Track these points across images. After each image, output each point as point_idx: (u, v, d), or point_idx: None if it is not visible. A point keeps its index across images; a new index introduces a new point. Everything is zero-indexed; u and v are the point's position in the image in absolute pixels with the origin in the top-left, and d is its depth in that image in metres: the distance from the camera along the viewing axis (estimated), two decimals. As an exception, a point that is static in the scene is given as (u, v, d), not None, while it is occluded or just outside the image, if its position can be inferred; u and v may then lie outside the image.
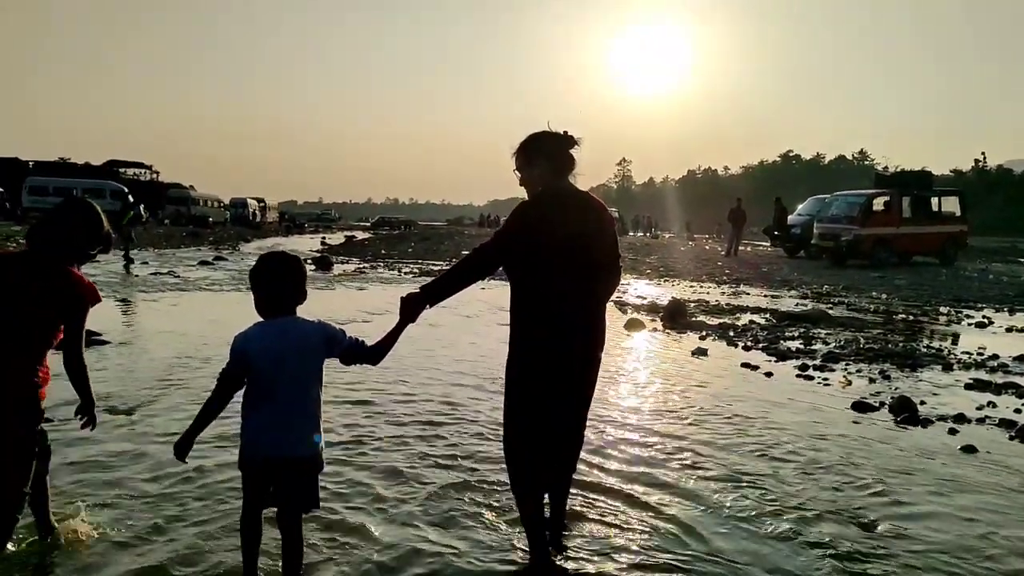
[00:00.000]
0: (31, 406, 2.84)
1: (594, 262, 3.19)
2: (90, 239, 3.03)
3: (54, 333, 2.88)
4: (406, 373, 6.97)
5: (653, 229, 57.95)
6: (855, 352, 8.69)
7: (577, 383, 3.23)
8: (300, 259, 2.94)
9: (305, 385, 2.76)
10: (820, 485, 4.38)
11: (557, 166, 3.25)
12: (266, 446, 2.69)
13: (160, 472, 4.18)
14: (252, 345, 2.70)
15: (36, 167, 53.07)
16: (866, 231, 22.20)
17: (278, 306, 2.78)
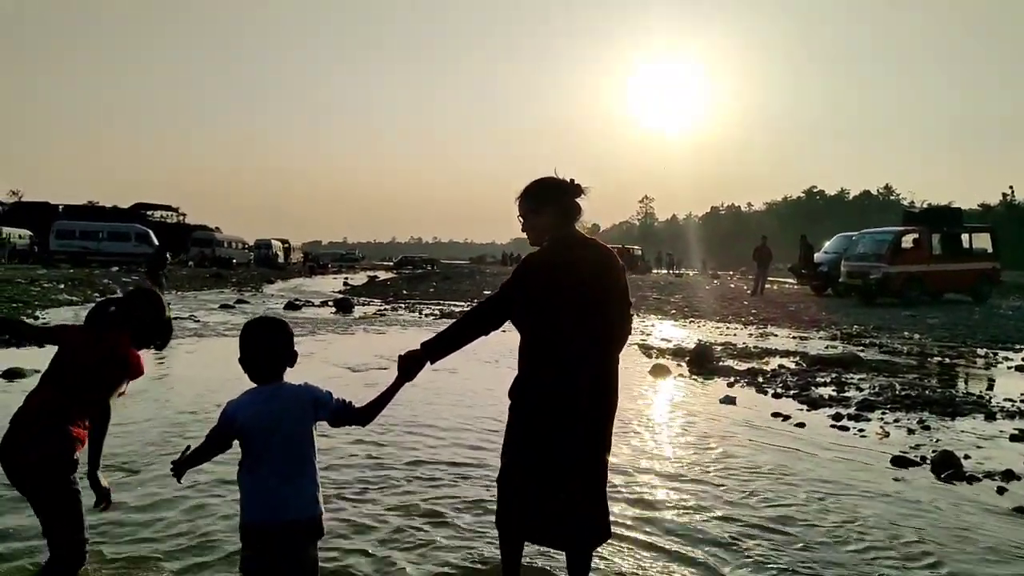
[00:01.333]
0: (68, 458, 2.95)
1: (603, 311, 3.10)
2: (150, 330, 3.19)
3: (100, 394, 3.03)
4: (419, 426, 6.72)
5: (675, 268, 57.53)
6: (891, 399, 8.32)
7: (584, 434, 3.07)
8: (286, 324, 2.88)
9: (298, 448, 2.72)
10: (861, 549, 4.06)
11: (564, 214, 3.19)
12: (268, 513, 2.64)
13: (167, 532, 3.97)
14: (242, 413, 2.69)
15: (65, 210, 54.00)
16: (896, 268, 21.78)
17: (266, 371, 2.76)
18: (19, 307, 17.50)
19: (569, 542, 3.15)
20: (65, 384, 2.98)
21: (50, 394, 2.98)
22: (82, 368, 3.00)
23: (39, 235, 45.05)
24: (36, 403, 2.97)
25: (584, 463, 3.09)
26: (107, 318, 3.15)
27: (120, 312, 3.17)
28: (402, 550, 3.99)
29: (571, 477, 3.06)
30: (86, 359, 3.01)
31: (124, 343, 3.10)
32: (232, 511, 4.25)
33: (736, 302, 23.54)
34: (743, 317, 18.86)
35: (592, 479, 3.13)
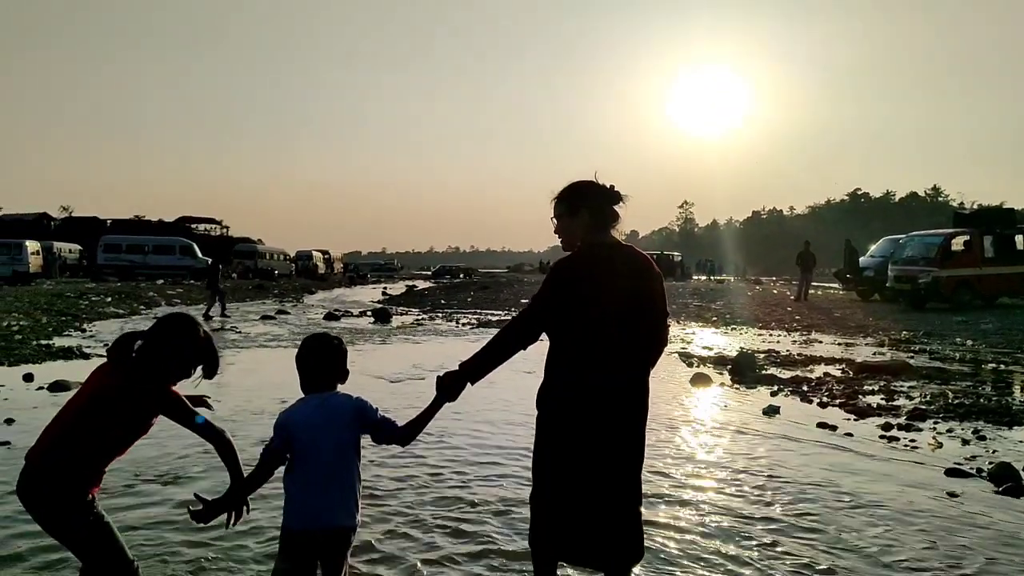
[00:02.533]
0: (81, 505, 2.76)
1: (636, 320, 3.02)
2: (188, 359, 2.90)
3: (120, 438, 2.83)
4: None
5: (715, 274, 56.77)
6: (944, 408, 8.02)
7: (612, 446, 2.97)
8: (340, 340, 3.00)
9: (344, 458, 2.80)
10: (915, 566, 3.87)
11: (601, 219, 3.11)
12: (314, 520, 2.72)
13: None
14: (295, 421, 2.78)
15: (113, 225, 55.29)
16: (946, 272, 21.16)
17: (319, 384, 2.87)
18: (69, 320, 17.88)
19: (606, 561, 3.04)
20: (86, 426, 2.75)
21: (64, 432, 2.76)
22: (104, 410, 2.76)
23: (88, 249, 46.17)
24: (45, 441, 2.77)
25: (615, 477, 2.99)
26: (134, 356, 2.85)
27: (149, 348, 2.85)
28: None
29: (604, 492, 2.96)
30: (108, 399, 2.77)
31: (155, 390, 2.83)
32: (269, 524, 4.22)
33: (779, 308, 23.12)
34: (786, 323, 18.48)
35: (626, 494, 3.03)
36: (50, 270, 38.82)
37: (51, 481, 2.70)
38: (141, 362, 2.82)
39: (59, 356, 11.88)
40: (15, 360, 11.10)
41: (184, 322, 2.92)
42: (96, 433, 2.75)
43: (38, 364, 10.92)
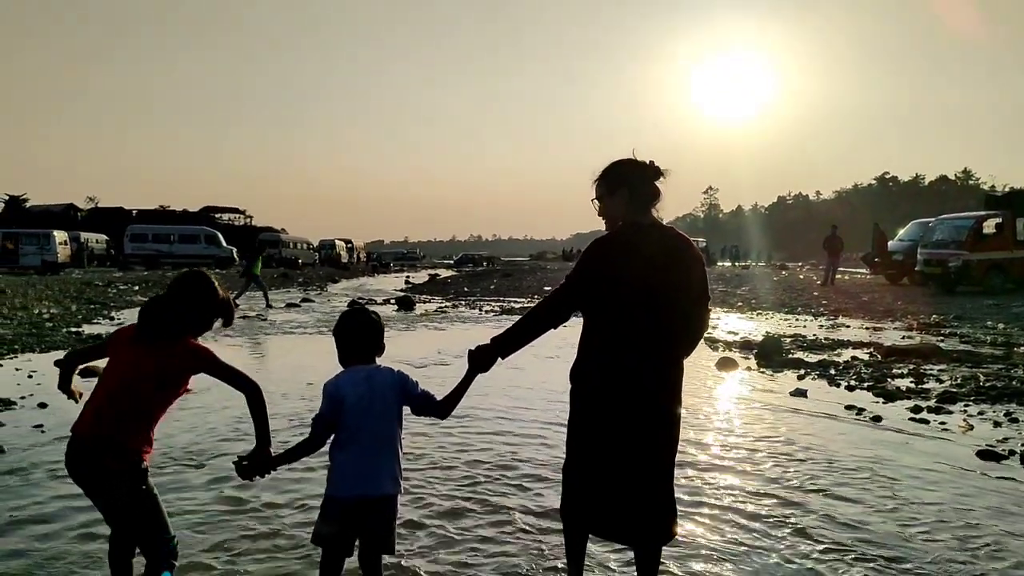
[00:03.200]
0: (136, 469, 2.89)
1: (672, 301, 2.93)
2: (203, 317, 3.01)
3: (167, 390, 2.92)
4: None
5: (741, 260, 56.27)
6: (975, 391, 7.90)
7: (644, 426, 2.92)
8: (378, 317, 3.09)
9: (388, 427, 2.90)
10: (949, 547, 3.81)
11: (640, 198, 3.03)
12: (357, 486, 2.81)
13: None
14: (344, 390, 2.85)
15: (139, 215, 55.94)
16: (977, 256, 20.80)
17: (358, 357, 2.96)
18: (98, 308, 18.13)
19: (635, 539, 3.04)
20: (131, 394, 2.85)
21: (111, 403, 2.85)
22: (149, 379, 2.86)
23: (114, 239, 46.78)
24: (96, 412, 2.85)
25: (646, 458, 2.95)
26: (167, 328, 2.92)
27: (179, 316, 2.93)
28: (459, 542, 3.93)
29: (634, 471, 2.93)
30: (148, 370, 2.85)
31: (192, 351, 2.93)
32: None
33: (805, 293, 22.88)
34: (813, 308, 18.29)
35: (657, 476, 2.99)
36: (78, 260, 39.40)
37: (114, 452, 2.79)
38: (169, 326, 2.90)
39: (89, 343, 12.02)
40: (46, 347, 11.27)
41: (197, 279, 3.04)
42: (147, 402, 2.87)
43: (68, 351, 11.06)
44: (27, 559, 3.67)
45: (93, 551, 3.74)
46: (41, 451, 5.53)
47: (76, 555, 3.72)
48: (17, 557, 3.69)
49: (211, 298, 3.01)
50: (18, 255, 34.75)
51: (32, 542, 3.87)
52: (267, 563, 3.67)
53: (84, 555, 3.71)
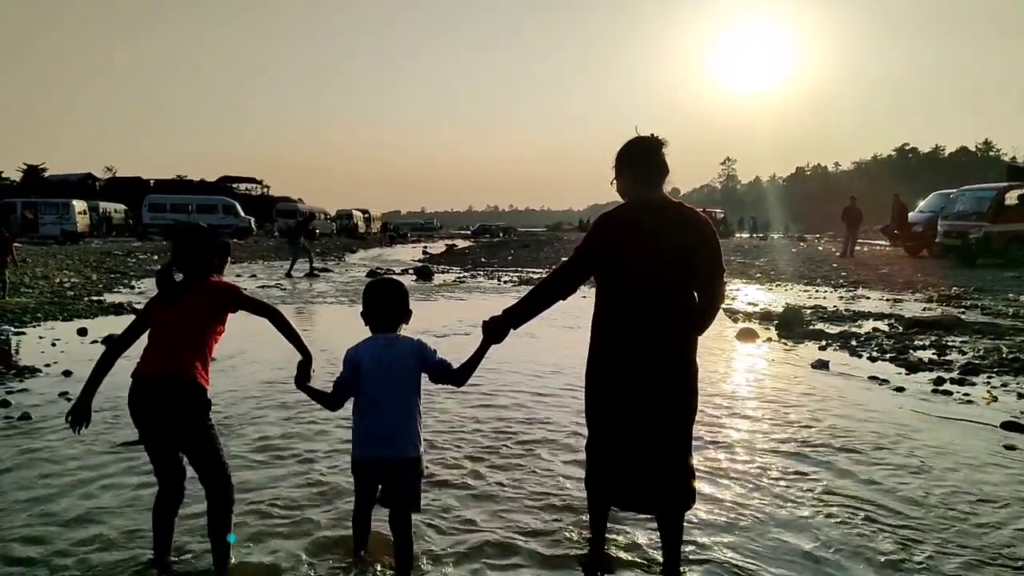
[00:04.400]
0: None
1: (681, 274, 2.99)
2: (211, 258, 3.24)
3: (211, 326, 3.16)
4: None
5: (757, 232, 55.76)
6: (998, 363, 7.84)
7: (656, 392, 2.97)
8: (403, 285, 3.28)
9: (407, 394, 3.04)
10: (973, 523, 3.80)
11: (643, 173, 3.09)
12: (375, 448, 3.00)
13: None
14: (363, 356, 3.04)
15: (156, 185, 56.15)
16: (998, 228, 20.50)
17: (384, 324, 3.12)
18: (118, 277, 18.29)
19: (656, 508, 3.10)
20: (188, 335, 3.09)
21: (173, 345, 3.08)
22: (200, 320, 3.12)
23: (132, 209, 46.99)
24: (160, 355, 3.07)
25: (662, 431, 2.99)
26: (185, 282, 3.18)
27: (194, 275, 3.19)
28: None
29: (651, 444, 2.98)
30: (191, 319, 3.10)
31: (216, 284, 3.21)
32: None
33: (824, 265, 22.70)
34: (832, 280, 18.15)
35: (674, 447, 3.03)
36: (98, 229, 39.66)
37: (186, 388, 3.04)
38: (189, 276, 3.16)
39: (110, 312, 12.16)
40: (69, 315, 11.39)
41: (194, 231, 3.30)
42: (202, 341, 3.12)
43: (91, 319, 11.19)
44: (61, 526, 3.72)
45: (129, 512, 3.81)
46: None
47: (110, 518, 3.78)
48: (50, 523, 3.75)
49: (212, 239, 3.27)
50: (38, 225, 34.99)
51: (61, 507, 3.93)
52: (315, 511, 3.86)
53: (118, 515, 3.77)
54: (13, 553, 3.39)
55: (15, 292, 13.36)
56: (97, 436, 5.11)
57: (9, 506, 3.91)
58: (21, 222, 34.22)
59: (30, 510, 3.86)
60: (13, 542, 3.48)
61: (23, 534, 3.59)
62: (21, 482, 4.26)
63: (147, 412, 3.04)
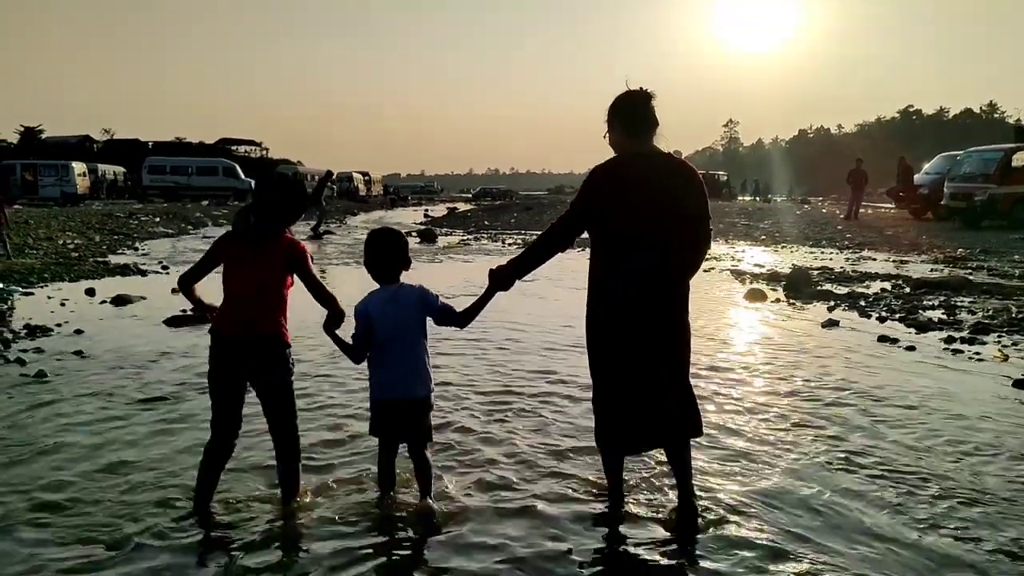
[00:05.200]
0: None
1: (670, 222, 3.08)
2: (292, 210, 3.29)
3: (284, 285, 3.25)
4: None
5: (762, 195, 55.41)
6: (1008, 322, 7.84)
7: (653, 339, 3.12)
8: (401, 233, 3.43)
9: (414, 339, 3.29)
10: (981, 475, 3.82)
11: (631, 126, 3.18)
12: (388, 391, 3.26)
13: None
14: (371, 309, 3.25)
15: (155, 147, 55.72)
16: (1004, 190, 20.38)
17: (386, 274, 3.30)
18: (121, 238, 18.25)
19: (665, 439, 3.24)
20: (267, 289, 3.18)
21: (252, 299, 3.18)
22: (279, 273, 3.21)
23: (130, 171, 46.63)
24: (242, 310, 3.17)
25: (661, 370, 3.14)
26: (265, 229, 3.20)
27: (276, 221, 3.24)
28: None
29: (652, 384, 3.13)
30: (270, 267, 3.19)
31: (293, 242, 3.27)
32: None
33: (829, 227, 22.63)
34: (837, 242, 18.12)
35: (674, 381, 3.19)
36: (97, 191, 39.43)
37: (278, 347, 3.20)
38: (270, 224, 3.19)
39: (117, 272, 12.16)
40: (75, 276, 11.39)
41: (290, 178, 3.42)
42: (279, 294, 3.22)
43: (98, 280, 11.18)
44: (83, 477, 3.75)
45: (155, 463, 3.84)
46: (84, 376, 5.62)
47: (135, 469, 3.80)
48: (74, 473, 3.77)
49: (303, 192, 3.36)
50: (38, 187, 34.76)
51: (83, 457, 3.95)
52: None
53: (143, 466, 3.80)
54: (40, 499, 3.44)
55: (19, 253, 13.33)
56: (117, 392, 5.14)
57: (33, 457, 3.94)
58: (21, 184, 34.02)
59: (53, 461, 3.89)
60: (37, 491, 3.52)
61: (47, 481, 3.64)
62: (41, 436, 4.28)
63: (231, 366, 3.19)
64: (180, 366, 5.95)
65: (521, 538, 3.15)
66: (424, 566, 2.97)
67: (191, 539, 3.11)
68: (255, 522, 3.25)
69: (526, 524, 3.28)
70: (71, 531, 3.16)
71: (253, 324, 3.16)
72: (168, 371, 5.80)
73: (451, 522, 3.29)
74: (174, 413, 4.74)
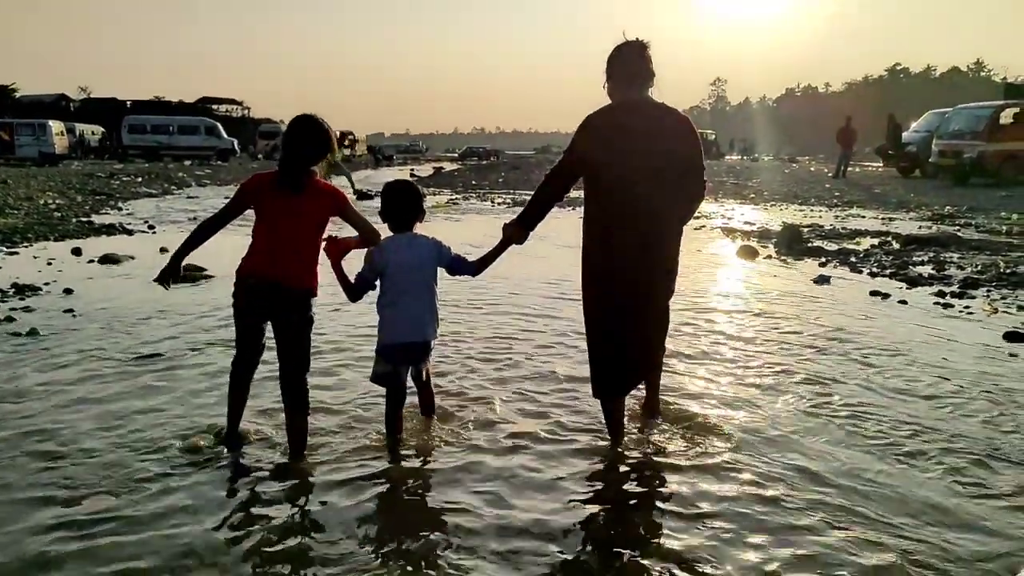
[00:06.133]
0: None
1: (663, 171, 3.15)
2: (317, 152, 3.27)
3: (323, 229, 3.32)
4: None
5: (749, 154, 55.13)
6: (996, 277, 7.92)
7: (644, 283, 3.27)
8: (417, 186, 3.61)
9: (426, 286, 3.43)
10: (979, 426, 3.87)
11: (625, 76, 3.23)
12: (400, 334, 3.40)
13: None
14: (387, 255, 3.37)
15: (133, 106, 54.69)
16: (993, 147, 20.43)
17: (402, 223, 3.45)
18: (104, 199, 17.99)
19: (649, 373, 3.64)
20: (302, 235, 3.25)
21: (287, 244, 3.22)
22: (315, 221, 3.27)
23: (109, 130, 45.78)
24: (274, 252, 3.22)
25: (652, 311, 3.37)
26: (301, 175, 3.23)
27: (310, 158, 3.26)
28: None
29: (645, 326, 3.35)
30: (315, 215, 3.25)
31: (327, 186, 3.32)
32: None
33: (817, 185, 22.68)
34: (826, 200, 18.15)
35: (659, 321, 3.45)
36: (76, 151, 38.74)
37: (308, 297, 3.28)
38: (305, 171, 3.22)
39: (102, 232, 11.99)
40: (60, 236, 11.22)
41: (314, 122, 3.27)
42: (313, 241, 3.30)
43: (83, 239, 11.03)
44: (87, 434, 3.72)
45: (160, 417, 3.82)
46: (77, 334, 5.56)
47: (138, 415, 3.79)
48: (75, 423, 3.75)
49: (330, 136, 3.29)
50: (14, 146, 34.04)
51: (82, 408, 3.93)
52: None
53: (151, 418, 3.78)
54: (40, 448, 3.48)
55: (0, 212, 13.12)
56: (111, 348, 5.10)
57: (32, 410, 3.91)
58: (-3, 143, 33.32)
59: (51, 414, 3.88)
60: (36, 443, 3.53)
61: (47, 427, 3.69)
62: (37, 390, 4.24)
63: (259, 309, 3.29)
64: (173, 323, 5.90)
65: (518, 467, 3.34)
66: (430, 497, 3.13)
67: (187, 483, 3.17)
68: (264, 470, 3.32)
69: (524, 457, 3.45)
70: (72, 479, 3.17)
71: (291, 274, 3.22)
72: (161, 328, 5.75)
73: (452, 455, 3.45)
74: (169, 370, 4.71)
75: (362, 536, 2.79)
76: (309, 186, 3.22)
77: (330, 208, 3.28)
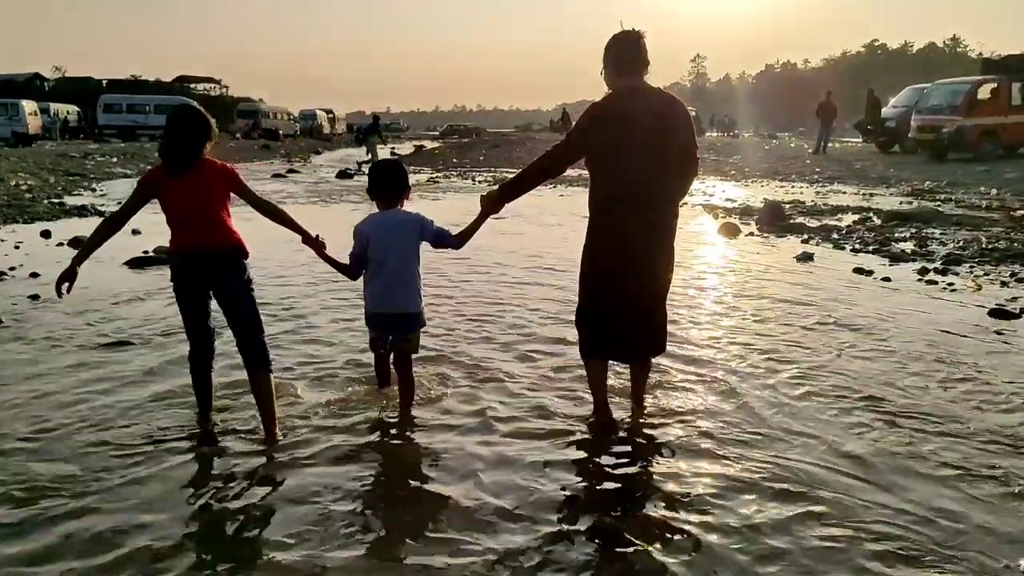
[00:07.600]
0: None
1: (662, 154, 3.29)
2: (197, 138, 3.32)
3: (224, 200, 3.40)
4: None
5: (731, 131, 54.87)
6: (979, 253, 7.91)
7: (645, 258, 3.40)
8: (402, 164, 3.84)
9: (407, 259, 3.56)
10: (965, 403, 3.83)
11: (621, 64, 3.37)
12: (383, 304, 3.57)
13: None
14: (369, 230, 3.53)
15: (109, 85, 53.69)
16: (971, 121, 20.42)
17: (388, 198, 3.61)
18: (77, 179, 17.65)
19: (641, 354, 3.66)
20: (211, 207, 3.31)
21: (201, 218, 3.30)
22: (219, 192, 3.35)
23: (84, 110, 44.94)
24: (195, 229, 3.29)
25: (650, 289, 3.47)
26: (194, 155, 3.30)
27: (196, 144, 3.32)
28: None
29: (636, 305, 3.45)
30: (215, 187, 3.33)
31: (216, 165, 3.38)
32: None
33: (797, 162, 22.64)
34: (806, 176, 18.14)
35: (655, 304, 3.52)
36: (51, 131, 38.04)
37: (238, 253, 3.35)
38: (191, 154, 3.29)
39: (73, 214, 11.77)
40: (29, 218, 10.99)
41: (194, 111, 3.40)
42: (223, 211, 3.36)
43: (53, 221, 10.81)
44: (58, 423, 3.60)
45: (133, 406, 3.70)
46: (44, 320, 5.40)
47: (104, 396, 3.68)
48: (47, 409, 3.63)
49: (208, 122, 3.37)
50: (-15, 127, 33.33)
51: (51, 408, 3.80)
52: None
53: (122, 408, 3.66)
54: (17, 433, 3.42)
55: (-31, 195, 12.81)
56: (78, 335, 4.96)
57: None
58: (-32, 124, 32.59)
59: (12, 404, 3.76)
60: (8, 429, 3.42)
61: (3, 417, 3.57)
62: (5, 381, 4.11)
63: (194, 277, 3.33)
64: (144, 308, 5.76)
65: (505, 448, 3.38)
66: (412, 477, 3.16)
67: (154, 471, 3.09)
68: (240, 453, 3.27)
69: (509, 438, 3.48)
70: (32, 471, 3.07)
71: (212, 237, 3.29)
72: (132, 313, 5.60)
73: (437, 431, 3.54)
74: (139, 356, 4.59)
75: (339, 519, 2.73)
76: (201, 166, 3.30)
77: (224, 184, 3.35)
